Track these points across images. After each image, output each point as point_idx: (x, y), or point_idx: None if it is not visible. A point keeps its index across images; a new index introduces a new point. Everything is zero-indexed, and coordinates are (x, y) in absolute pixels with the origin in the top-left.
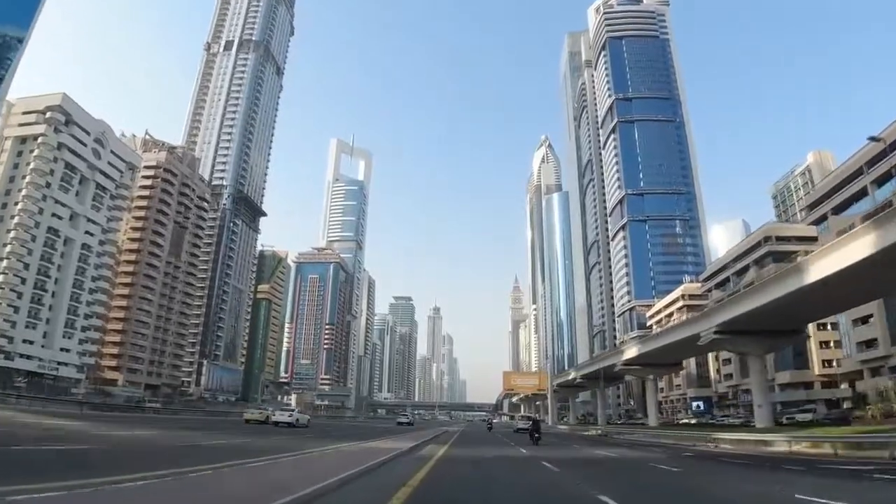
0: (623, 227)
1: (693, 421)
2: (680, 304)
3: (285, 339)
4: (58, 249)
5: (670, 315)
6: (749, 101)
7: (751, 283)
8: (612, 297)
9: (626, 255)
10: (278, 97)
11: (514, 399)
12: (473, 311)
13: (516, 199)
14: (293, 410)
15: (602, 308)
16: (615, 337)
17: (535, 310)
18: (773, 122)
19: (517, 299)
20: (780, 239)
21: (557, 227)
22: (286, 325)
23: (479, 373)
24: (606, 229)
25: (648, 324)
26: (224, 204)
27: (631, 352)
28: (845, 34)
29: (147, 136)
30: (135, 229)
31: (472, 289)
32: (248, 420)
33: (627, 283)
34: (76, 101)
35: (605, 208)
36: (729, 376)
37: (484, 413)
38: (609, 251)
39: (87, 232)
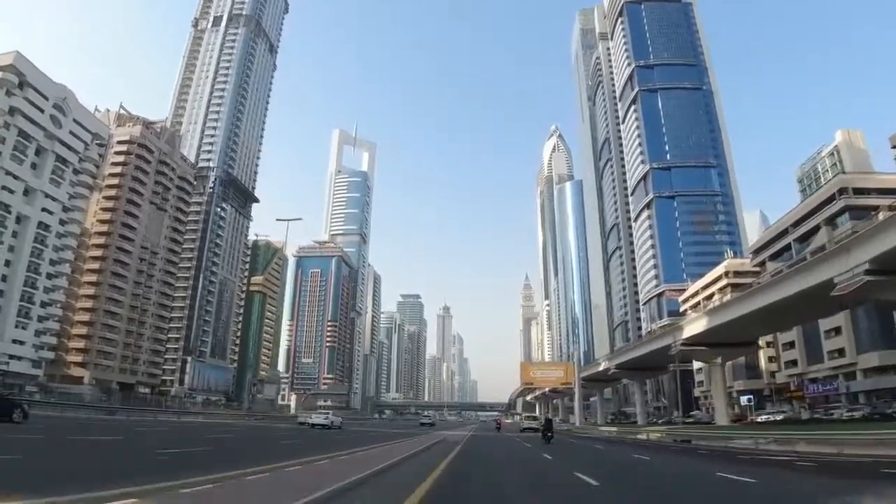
0: (648, 205)
1: (779, 417)
2: (723, 282)
3: (285, 337)
4: (8, 227)
5: (710, 297)
6: (772, 85)
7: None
8: (635, 285)
9: (651, 237)
10: (272, 76)
11: (530, 397)
12: (484, 312)
13: (525, 195)
14: (328, 413)
15: (624, 297)
16: (639, 328)
17: (547, 306)
18: (788, 107)
19: (528, 297)
20: (858, 192)
21: (571, 217)
22: (286, 323)
23: (490, 373)
24: (627, 211)
25: (682, 309)
26: (210, 187)
27: (695, 326)
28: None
29: (122, 111)
30: (105, 210)
31: (482, 287)
32: (301, 423)
33: (654, 267)
34: (32, 62)
35: (626, 188)
36: (792, 363)
37: (496, 413)
38: (631, 234)
39: (44, 209)
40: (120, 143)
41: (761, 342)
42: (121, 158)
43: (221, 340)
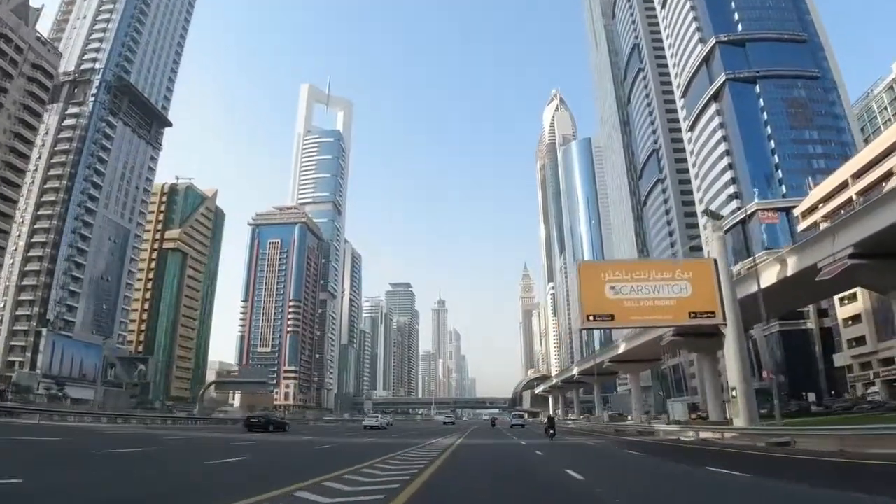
0: (715, 96)
1: None
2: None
3: (238, 323)
4: None
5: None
6: None
7: None
8: (685, 226)
9: (723, 138)
10: None
11: (541, 389)
12: (481, 309)
13: (522, 183)
14: (378, 416)
15: (671, 244)
16: None
17: (552, 289)
18: None
19: (527, 287)
20: None
21: (578, 179)
22: (240, 305)
23: (489, 372)
24: (673, 127)
25: (802, 227)
26: (93, 93)
27: None
28: None
29: None
30: None
31: (480, 290)
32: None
33: (732, 182)
34: None
35: (668, 100)
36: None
37: (497, 410)
38: (682, 155)
39: None
40: None
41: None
42: None
43: (109, 312)
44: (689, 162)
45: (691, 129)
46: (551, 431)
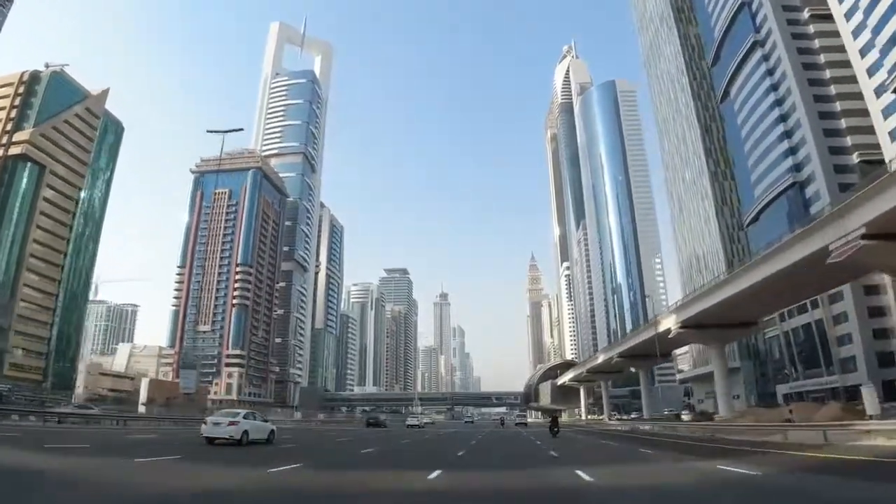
0: None
1: None
2: None
3: (173, 295)
4: None
5: None
6: None
7: None
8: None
9: None
10: None
11: (568, 377)
12: (486, 306)
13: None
14: (419, 416)
15: (786, 134)
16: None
17: (566, 269)
18: None
19: (535, 279)
20: None
21: (601, 128)
22: (176, 271)
23: (495, 370)
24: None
25: None
26: None
27: None
28: None
29: None
30: None
31: (483, 287)
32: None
33: None
34: None
35: None
36: None
37: (504, 409)
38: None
39: None
40: None
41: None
42: None
43: None
44: None
45: None
46: (555, 430)
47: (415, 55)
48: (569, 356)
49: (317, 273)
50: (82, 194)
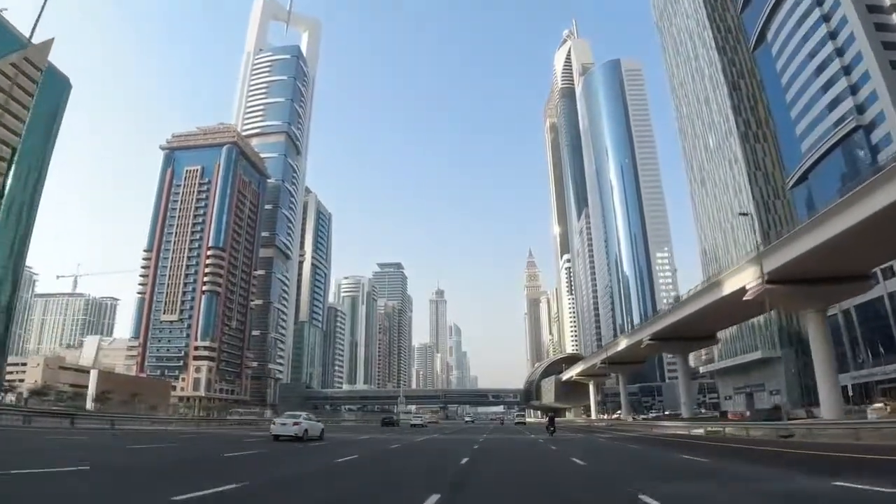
0: None
1: None
2: None
3: (139, 281)
4: None
5: None
6: None
7: None
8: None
9: None
10: None
11: (576, 372)
12: (483, 307)
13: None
14: (422, 415)
15: (844, 70)
16: None
17: (567, 262)
18: None
19: (532, 276)
20: None
21: (605, 109)
22: (142, 255)
23: (493, 370)
24: None
25: None
26: None
27: None
28: None
29: None
30: None
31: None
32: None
33: None
34: None
35: None
36: None
37: (502, 408)
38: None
39: None
40: None
41: None
42: None
43: None
44: None
45: None
46: (551, 428)
47: (411, 44)
48: (569, 352)
49: (301, 262)
50: (25, 155)
